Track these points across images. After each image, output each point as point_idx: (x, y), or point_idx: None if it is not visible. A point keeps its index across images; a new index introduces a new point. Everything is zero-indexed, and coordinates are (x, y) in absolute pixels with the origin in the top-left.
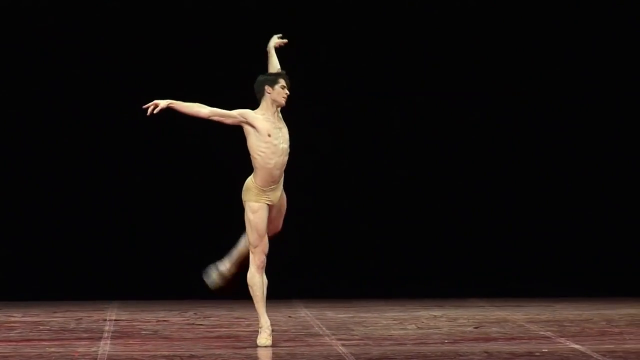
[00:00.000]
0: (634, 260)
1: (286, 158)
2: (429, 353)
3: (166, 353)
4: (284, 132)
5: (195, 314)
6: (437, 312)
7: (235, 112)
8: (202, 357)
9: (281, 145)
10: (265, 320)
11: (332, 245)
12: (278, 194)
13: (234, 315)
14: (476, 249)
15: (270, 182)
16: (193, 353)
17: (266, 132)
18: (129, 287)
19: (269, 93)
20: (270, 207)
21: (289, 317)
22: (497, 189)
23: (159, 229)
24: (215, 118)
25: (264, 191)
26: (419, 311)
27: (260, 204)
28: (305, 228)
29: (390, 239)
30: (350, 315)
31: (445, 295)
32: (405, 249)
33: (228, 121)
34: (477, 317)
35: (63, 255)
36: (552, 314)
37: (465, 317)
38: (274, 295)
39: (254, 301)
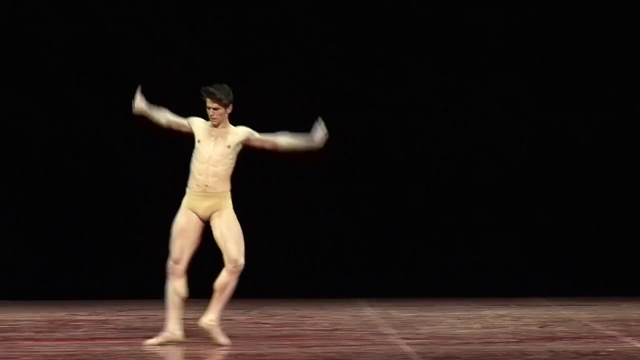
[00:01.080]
0: None
1: (216, 169)
2: (495, 352)
3: (234, 352)
4: (218, 144)
5: (259, 312)
6: (502, 311)
7: (185, 120)
8: (268, 355)
9: (207, 154)
10: (169, 326)
11: (395, 245)
12: (204, 205)
13: (298, 314)
14: (540, 249)
15: (195, 185)
16: (260, 352)
17: (197, 138)
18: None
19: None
20: (202, 220)
21: (354, 316)
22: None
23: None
24: (174, 126)
25: (189, 194)
26: (483, 310)
27: (183, 208)
28: (369, 229)
29: (455, 237)
30: (415, 314)
31: (510, 294)
32: (470, 248)
33: (184, 129)
34: (542, 316)
35: (125, 255)
36: (617, 313)
37: (530, 316)
38: (339, 294)
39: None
